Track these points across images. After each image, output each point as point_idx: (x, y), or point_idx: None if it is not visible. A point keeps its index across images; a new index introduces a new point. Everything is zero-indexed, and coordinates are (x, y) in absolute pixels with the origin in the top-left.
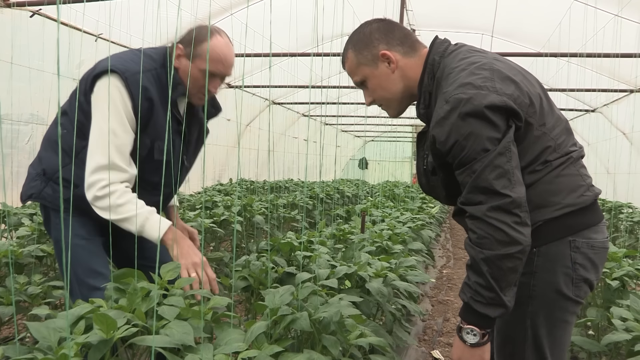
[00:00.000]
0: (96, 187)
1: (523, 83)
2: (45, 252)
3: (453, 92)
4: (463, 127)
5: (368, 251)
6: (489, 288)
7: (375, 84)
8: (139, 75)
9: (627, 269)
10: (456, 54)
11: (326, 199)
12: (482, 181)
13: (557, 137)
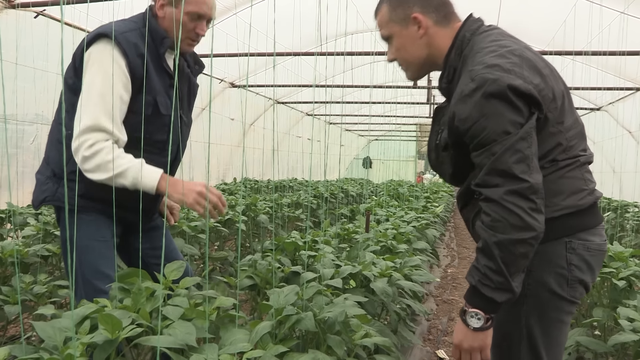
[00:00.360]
0: (83, 147)
1: (549, 77)
2: (50, 252)
3: (480, 71)
4: (486, 106)
5: (373, 251)
6: (498, 272)
7: (400, 43)
8: (128, 34)
9: (633, 268)
10: (488, 35)
11: (330, 198)
12: (501, 164)
13: (570, 138)
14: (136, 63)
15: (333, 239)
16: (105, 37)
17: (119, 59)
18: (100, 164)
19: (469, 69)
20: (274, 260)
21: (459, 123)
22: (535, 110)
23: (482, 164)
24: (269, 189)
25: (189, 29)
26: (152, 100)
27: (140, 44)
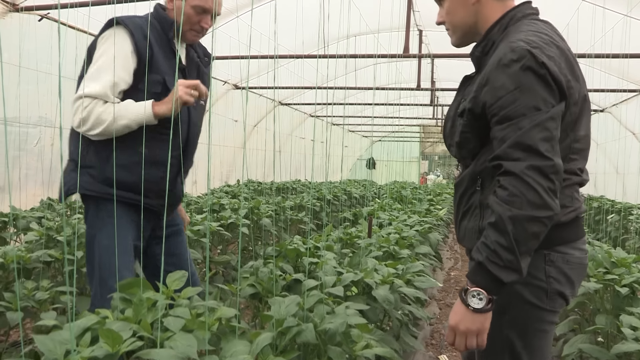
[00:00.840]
0: (79, 112)
1: (582, 86)
2: (53, 257)
3: (523, 44)
4: (523, 78)
5: (375, 256)
6: (509, 249)
7: (451, 7)
8: (135, 19)
9: (636, 275)
10: (537, 23)
11: (333, 201)
12: (529, 139)
13: (575, 150)
14: (142, 43)
15: (335, 243)
16: (114, 22)
17: (125, 38)
18: (97, 118)
19: (510, 40)
20: (275, 268)
21: (490, 91)
22: (564, 100)
23: (505, 137)
24: (272, 191)
25: (194, 22)
26: (161, 79)
27: (146, 27)
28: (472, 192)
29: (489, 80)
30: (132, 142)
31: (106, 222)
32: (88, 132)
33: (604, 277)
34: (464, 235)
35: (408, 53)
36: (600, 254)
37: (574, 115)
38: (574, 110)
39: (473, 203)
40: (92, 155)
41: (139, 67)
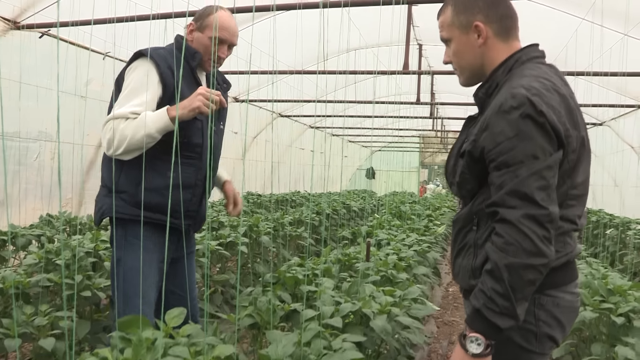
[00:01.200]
0: (106, 132)
1: (581, 132)
2: (52, 282)
3: (524, 91)
4: (522, 125)
5: (373, 281)
6: (505, 296)
7: (458, 48)
8: (160, 50)
9: (632, 304)
10: (540, 67)
11: (332, 215)
12: (525, 187)
13: (571, 198)
14: (167, 73)
15: (334, 265)
16: (140, 54)
17: (151, 69)
18: (120, 135)
19: (512, 85)
20: (274, 297)
21: (490, 136)
22: (561, 148)
23: (503, 184)
24: (272, 204)
25: (212, 52)
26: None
27: (169, 58)
28: (467, 231)
29: (489, 125)
30: (162, 167)
31: (133, 243)
32: (117, 153)
33: (599, 306)
34: (458, 272)
35: (407, 70)
36: (597, 281)
37: (571, 163)
38: (571, 158)
39: (468, 241)
40: (123, 180)
41: (165, 96)
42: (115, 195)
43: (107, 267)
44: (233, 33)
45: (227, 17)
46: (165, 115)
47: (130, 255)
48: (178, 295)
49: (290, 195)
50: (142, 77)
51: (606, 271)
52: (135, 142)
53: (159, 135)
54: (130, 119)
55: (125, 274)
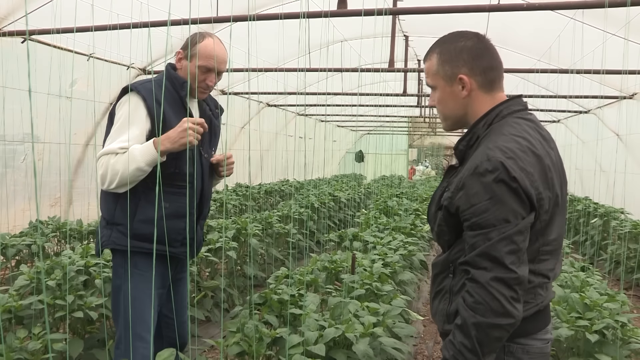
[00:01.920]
0: (99, 167)
1: (554, 182)
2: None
3: (499, 154)
4: (496, 189)
5: (358, 295)
6: (472, 351)
7: (442, 97)
8: (147, 84)
9: (607, 320)
10: (520, 124)
11: (321, 208)
12: (495, 251)
13: (543, 253)
14: (154, 106)
15: (321, 272)
16: (128, 90)
17: (139, 103)
18: (112, 170)
19: (490, 145)
20: (260, 324)
21: (464, 197)
22: (533, 211)
23: (475, 245)
24: (260, 196)
25: (201, 80)
26: None
27: (157, 90)
28: (444, 276)
29: (464, 185)
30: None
31: (133, 273)
32: (111, 187)
33: (575, 323)
34: (435, 313)
35: (393, 67)
36: (574, 295)
37: (543, 223)
38: (544, 218)
39: (445, 287)
40: (119, 213)
41: (153, 128)
42: (113, 228)
43: (98, 284)
44: (220, 61)
45: (214, 45)
46: (152, 148)
47: (130, 284)
48: (171, 319)
49: (279, 185)
50: (131, 112)
51: (586, 276)
52: (126, 176)
53: (149, 168)
54: (120, 154)
55: (125, 302)
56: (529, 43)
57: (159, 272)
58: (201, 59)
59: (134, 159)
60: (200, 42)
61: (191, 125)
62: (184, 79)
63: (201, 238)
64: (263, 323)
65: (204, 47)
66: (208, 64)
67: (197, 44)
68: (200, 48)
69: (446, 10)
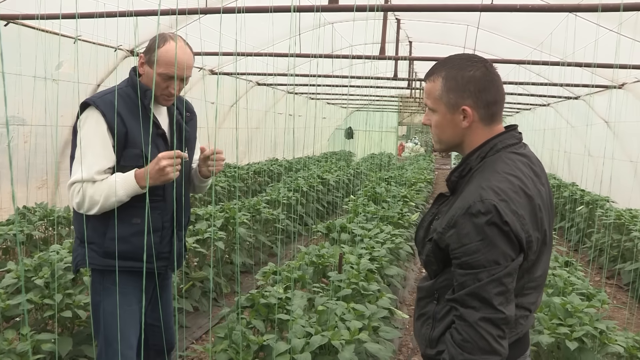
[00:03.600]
0: (74, 196)
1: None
2: (33, 303)
3: (492, 195)
4: (487, 231)
5: (344, 295)
6: None
7: (441, 123)
8: (107, 96)
9: (586, 328)
10: (513, 160)
11: (309, 191)
12: (484, 292)
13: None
14: (114, 120)
15: (308, 267)
16: (87, 104)
17: (99, 118)
18: (90, 200)
19: (483, 185)
20: (248, 330)
21: (455, 236)
22: (522, 253)
23: (465, 284)
24: (249, 176)
25: (163, 88)
26: (139, 152)
27: (117, 102)
28: (429, 301)
29: (456, 224)
30: (126, 215)
31: (111, 290)
32: (89, 213)
33: (556, 330)
34: (417, 334)
35: (384, 55)
36: (556, 300)
37: (531, 262)
38: (531, 258)
39: (428, 312)
40: (91, 232)
41: (117, 143)
42: (87, 246)
43: (86, 281)
44: (183, 66)
45: (175, 50)
46: (135, 183)
47: (108, 301)
48: (157, 327)
49: (269, 165)
50: (92, 130)
51: (569, 273)
52: (106, 207)
53: (128, 199)
54: (98, 182)
55: (104, 319)
56: (524, 31)
57: (139, 287)
58: (162, 66)
59: (113, 193)
60: (160, 47)
61: (168, 162)
62: (147, 87)
63: (181, 250)
64: (250, 328)
65: (165, 53)
66: (169, 72)
67: (159, 48)
68: (160, 54)
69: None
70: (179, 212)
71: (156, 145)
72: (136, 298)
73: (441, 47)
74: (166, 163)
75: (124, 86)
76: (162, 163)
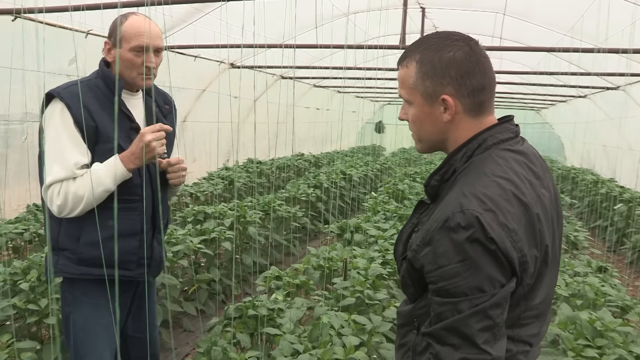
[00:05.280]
0: (54, 198)
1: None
2: (16, 309)
3: (476, 206)
4: (469, 250)
5: (347, 305)
6: None
7: (418, 117)
8: (72, 87)
9: (619, 352)
10: (506, 159)
11: (331, 187)
12: (465, 327)
13: (527, 318)
14: (81, 113)
15: (315, 270)
16: (51, 97)
17: (64, 111)
18: (74, 197)
19: (465, 191)
20: (230, 346)
21: (431, 255)
22: (515, 276)
23: (442, 316)
24: (272, 172)
25: (138, 65)
26: (112, 147)
27: (84, 94)
28: (409, 330)
29: (431, 240)
30: (100, 217)
31: (83, 302)
32: (72, 214)
33: (582, 352)
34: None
35: (405, 45)
36: (584, 316)
37: (527, 288)
38: (528, 283)
39: (408, 342)
40: (63, 237)
41: (87, 138)
42: (60, 253)
43: None
44: (154, 36)
45: (141, 21)
46: (121, 166)
47: (79, 313)
48: (138, 339)
49: (293, 160)
50: (58, 123)
51: (602, 280)
52: (92, 201)
53: (115, 186)
54: (79, 177)
55: (75, 334)
56: (554, 16)
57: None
58: (131, 40)
59: (100, 182)
60: (124, 23)
61: (152, 136)
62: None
63: (160, 257)
64: (234, 343)
65: (130, 26)
66: (140, 42)
67: (122, 24)
68: (125, 28)
69: None
70: (158, 214)
71: (130, 139)
72: (109, 312)
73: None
74: (151, 137)
75: (94, 77)
76: (147, 138)
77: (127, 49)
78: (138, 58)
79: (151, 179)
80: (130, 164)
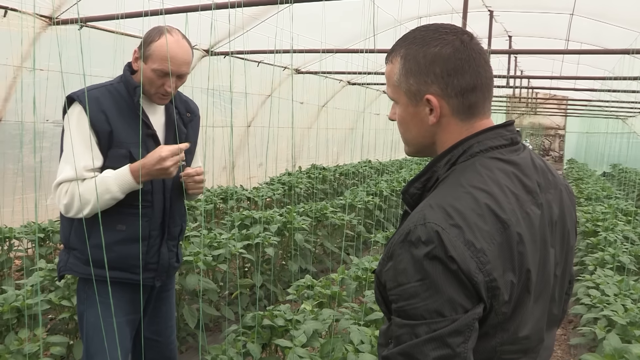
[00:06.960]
0: (61, 197)
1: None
2: (50, 304)
3: (440, 219)
4: (429, 268)
5: (374, 319)
6: None
7: (403, 118)
8: (93, 91)
9: None
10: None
11: (391, 195)
12: (420, 354)
13: (507, 352)
14: (98, 117)
15: (353, 281)
16: (72, 100)
17: (82, 114)
18: (80, 199)
19: (432, 201)
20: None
21: (392, 271)
22: (483, 302)
23: (400, 339)
24: (335, 178)
25: (158, 85)
26: (126, 152)
27: (103, 99)
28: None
29: (393, 254)
30: (110, 221)
31: (94, 300)
32: (78, 215)
33: None
34: None
35: None
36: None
37: (501, 317)
38: (503, 311)
39: None
40: (74, 237)
41: (101, 142)
42: (70, 252)
43: None
44: (180, 63)
45: (172, 45)
46: (130, 178)
47: (91, 311)
48: (155, 342)
49: (359, 166)
50: (75, 126)
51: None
52: (97, 207)
53: (123, 195)
54: (88, 180)
55: (87, 331)
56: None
57: (128, 298)
58: (156, 62)
59: (107, 189)
60: (155, 41)
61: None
62: (137, 83)
63: (168, 261)
64: (244, 354)
65: (159, 48)
66: (164, 68)
67: (153, 42)
68: (155, 48)
69: None
70: (169, 221)
71: (146, 146)
72: (123, 311)
73: (542, 40)
74: (170, 164)
75: (116, 82)
76: (166, 164)
77: (150, 68)
78: (159, 80)
79: (164, 186)
80: (141, 177)
